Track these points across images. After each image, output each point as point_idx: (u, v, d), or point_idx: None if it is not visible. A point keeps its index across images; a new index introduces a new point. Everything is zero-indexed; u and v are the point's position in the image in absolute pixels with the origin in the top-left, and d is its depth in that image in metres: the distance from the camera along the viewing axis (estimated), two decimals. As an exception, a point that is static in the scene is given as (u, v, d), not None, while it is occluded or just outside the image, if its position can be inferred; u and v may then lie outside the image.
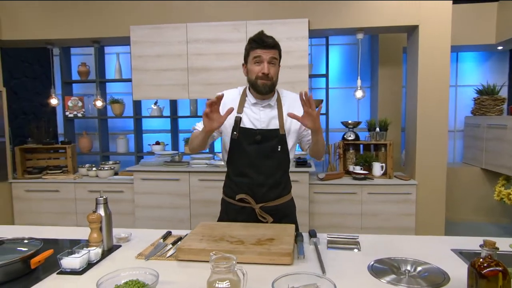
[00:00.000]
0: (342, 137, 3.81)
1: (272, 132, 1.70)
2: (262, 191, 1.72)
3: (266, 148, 1.68)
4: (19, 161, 4.09)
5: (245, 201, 1.72)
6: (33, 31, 3.91)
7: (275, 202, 1.75)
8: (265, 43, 1.62)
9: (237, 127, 1.69)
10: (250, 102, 1.72)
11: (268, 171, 1.71)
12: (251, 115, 1.71)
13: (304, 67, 3.45)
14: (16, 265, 1.16)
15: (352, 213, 3.48)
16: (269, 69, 1.63)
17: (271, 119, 1.71)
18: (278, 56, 1.68)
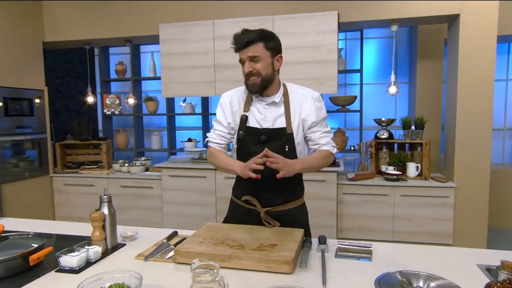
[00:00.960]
0: (374, 136, 3.62)
1: (278, 131, 1.61)
2: (268, 195, 1.63)
3: (272, 148, 1.56)
4: (59, 156, 4.31)
5: (251, 203, 1.65)
6: (72, 32, 4.08)
7: (283, 207, 1.65)
8: (240, 44, 1.56)
9: (243, 126, 1.63)
10: (256, 100, 1.65)
11: (275, 173, 1.61)
12: (256, 114, 1.64)
13: (332, 62, 3.30)
14: (15, 261, 1.18)
15: (383, 215, 3.30)
16: (251, 67, 1.55)
17: (277, 117, 1.62)
18: (262, 50, 1.56)
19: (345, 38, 4.77)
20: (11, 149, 3.74)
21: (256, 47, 1.56)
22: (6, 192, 3.63)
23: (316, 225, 3.35)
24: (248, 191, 1.66)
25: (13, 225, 1.77)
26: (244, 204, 1.68)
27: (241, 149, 1.66)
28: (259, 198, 1.64)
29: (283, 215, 1.65)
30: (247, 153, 1.62)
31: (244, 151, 1.64)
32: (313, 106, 1.64)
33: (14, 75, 3.75)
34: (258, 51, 1.56)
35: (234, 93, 1.71)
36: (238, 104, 1.67)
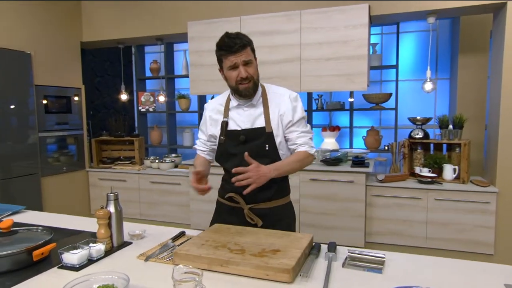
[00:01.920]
0: (408, 135, 3.41)
1: (257, 131, 1.61)
2: (252, 191, 1.56)
3: (253, 148, 1.58)
4: (95, 151, 4.49)
5: (235, 201, 1.64)
6: (106, 32, 4.22)
7: (267, 204, 1.64)
8: (233, 48, 1.51)
9: (223, 131, 1.65)
10: (233, 105, 1.66)
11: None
12: (235, 117, 1.65)
13: (362, 57, 3.15)
14: (20, 256, 1.21)
15: (415, 220, 3.10)
16: (246, 71, 1.54)
17: (256, 117, 1.63)
18: (251, 54, 1.57)
19: (381, 32, 4.55)
20: (51, 144, 3.94)
21: (247, 51, 1.56)
22: (46, 185, 3.84)
23: (343, 228, 3.24)
24: (232, 189, 1.63)
25: (34, 218, 1.84)
26: (228, 202, 1.68)
27: (221, 153, 1.68)
28: (243, 195, 1.58)
29: (268, 213, 1.64)
30: (228, 156, 1.66)
31: (224, 155, 1.67)
32: (290, 106, 1.63)
33: (54, 74, 3.95)
34: (249, 55, 1.56)
35: (214, 103, 1.75)
36: (218, 112, 1.70)
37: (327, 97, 4.72)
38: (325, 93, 4.62)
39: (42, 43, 3.81)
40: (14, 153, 3.49)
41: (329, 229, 3.29)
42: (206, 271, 1.20)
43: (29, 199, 3.63)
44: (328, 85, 3.27)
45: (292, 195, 3.22)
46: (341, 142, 4.67)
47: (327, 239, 3.21)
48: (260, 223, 1.61)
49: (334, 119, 4.91)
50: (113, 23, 4.17)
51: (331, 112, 4.89)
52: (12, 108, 3.49)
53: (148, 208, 4.11)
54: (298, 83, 3.35)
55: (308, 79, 3.32)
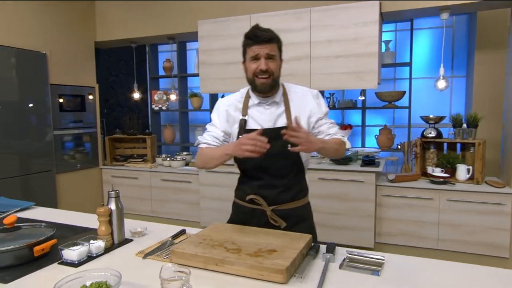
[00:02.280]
0: (421, 134, 3.34)
1: (279, 131, 1.52)
2: (273, 193, 1.59)
3: (274, 148, 1.52)
4: (109, 149, 4.57)
5: (256, 202, 1.61)
6: (119, 31, 4.29)
7: (289, 205, 1.61)
8: (260, 38, 1.50)
9: (242, 130, 1.59)
10: (254, 103, 1.62)
11: (279, 172, 1.58)
12: (256, 115, 1.60)
13: (373, 55, 3.09)
14: (21, 252, 1.24)
15: (427, 221, 3.04)
16: (267, 64, 1.50)
17: (278, 116, 1.59)
18: (277, 51, 1.55)
19: (395, 29, 4.46)
20: (65, 142, 4.03)
21: (274, 46, 1.54)
22: (60, 181, 3.93)
23: (353, 228, 3.20)
24: (252, 190, 1.61)
25: (42, 215, 1.89)
26: (248, 204, 1.64)
27: None
28: (264, 197, 1.59)
29: (290, 214, 1.61)
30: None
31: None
32: (314, 103, 1.62)
33: (68, 74, 4.03)
34: (274, 50, 1.54)
35: (231, 99, 1.69)
36: (236, 109, 1.64)
37: (339, 96, 4.66)
38: (338, 91, 4.57)
39: (57, 43, 3.89)
40: (31, 150, 3.59)
41: (339, 229, 3.25)
42: (202, 270, 1.21)
43: (44, 195, 3.72)
44: (337, 83, 3.23)
45: (301, 194, 3.20)
46: (353, 141, 4.61)
47: (336, 239, 3.19)
48: (284, 225, 1.57)
49: (346, 117, 4.85)
50: (125, 22, 4.22)
51: (343, 111, 4.84)
52: (29, 106, 3.58)
53: (160, 205, 4.16)
54: (308, 81, 3.32)
55: (318, 77, 3.28)
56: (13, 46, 3.45)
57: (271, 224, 1.58)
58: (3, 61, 3.36)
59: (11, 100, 3.43)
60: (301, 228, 1.58)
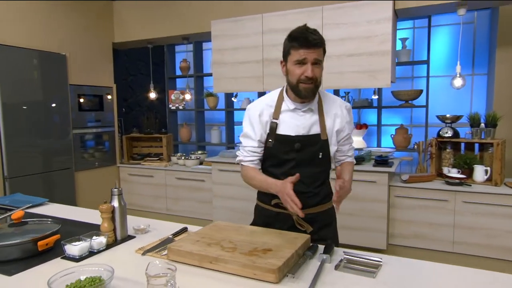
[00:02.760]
0: (437, 134, 3.25)
1: (313, 138, 1.52)
2: (300, 198, 1.53)
3: (306, 156, 1.51)
4: (126, 148, 4.68)
5: (281, 206, 1.56)
6: (136, 32, 4.38)
7: (315, 209, 1.58)
8: (310, 42, 1.39)
9: (273, 134, 1.54)
10: (288, 108, 1.54)
11: (307, 180, 1.53)
12: (289, 121, 1.53)
13: (386, 53, 3.03)
14: (26, 246, 1.29)
15: (442, 223, 2.95)
16: (314, 71, 1.42)
17: (313, 124, 1.53)
18: (322, 55, 1.47)
19: (412, 26, 4.36)
20: (83, 141, 4.16)
21: (321, 51, 1.46)
22: (79, 179, 4.06)
23: (365, 229, 3.15)
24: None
25: (54, 211, 1.96)
26: (273, 208, 1.60)
27: (270, 157, 1.58)
28: None
29: (316, 218, 1.59)
30: (278, 161, 1.56)
31: (274, 159, 1.58)
32: (348, 118, 1.61)
33: (87, 74, 4.15)
34: (321, 55, 1.46)
35: (262, 103, 1.59)
36: (268, 113, 1.56)
37: (355, 95, 4.60)
38: (353, 90, 4.51)
39: (77, 45, 4.02)
40: (52, 149, 3.73)
41: (350, 229, 3.21)
42: (197, 267, 1.23)
43: (64, 192, 3.86)
44: (350, 82, 3.18)
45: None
46: (369, 141, 4.53)
47: (348, 240, 3.15)
48: (310, 229, 1.53)
49: (362, 116, 4.78)
50: (142, 23, 4.31)
51: (359, 110, 4.77)
52: (52, 106, 3.72)
53: (174, 203, 4.22)
54: (320, 80, 3.29)
55: (330, 76, 3.25)
56: (35, 49, 3.58)
57: (296, 229, 1.55)
58: (26, 63, 3.49)
59: (35, 100, 3.57)
60: (326, 233, 1.58)
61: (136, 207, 4.49)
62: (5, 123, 3.33)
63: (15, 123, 3.41)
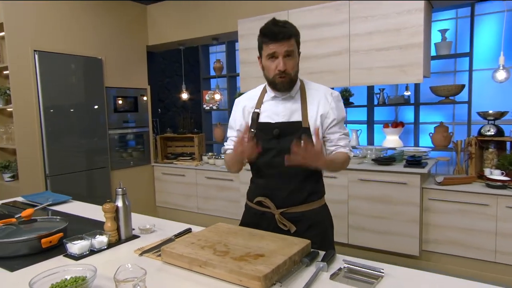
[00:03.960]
0: (478, 132, 2.99)
1: (293, 125, 1.48)
2: (283, 194, 1.51)
3: (286, 144, 1.45)
4: (160, 147, 4.81)
5: (265, 205, 1.54)
6: (168, 34, 4.48)
7: (299, 208, 1.52)
8: (277, 36, 1.40)
9: (254, 124, 1.53)
10: (269, 96, 1.55)
11: (291, 171, 1.48)
12: (269, 108, 1.54)
13: (417, 46, 2.84)
14: (31, 243, 1.35)
15: (482, 230, 2.71)
16: (286, 64, 1.42)
17: (293, 112, 1.50)
18: (295, 46, 1.45)
19: (455, 16, 4.05)
20: (119, 141, 4.33)
21: (291, 42, 1.44)
22: (115, 177, 4.23)
23: (395, 233, 2.97)
24: (261, 191, 1.56)
25: (74, 208, 2.04)
26: (257, 207, 1.58)
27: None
28: (273, 199, 1.53)
29: (301, 218, 1.52)
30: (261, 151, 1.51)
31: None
32: (333, 104, 1.52)
33: (122, 76, 4.32)
34: (292, 46, 1.45)
35: (245, 96, 1.66)
36: (250, 104, 1.59)
37: (391, 91, 4.37)
38: (389, 86, 4.28)
39: (112, 49, 4.19)
40: (89, 148, 3.93)
41: (380, 233, 3.04)
42: (187, 270, 1.21)
43: (100, 190, 4.04)
44: (378, 78, 3.02)
45: (340, 196, 3.08)
46: (407, 140, 4.29)
47: (377, 244, 3.00)
48: (294, 229, 1.50)
49: (400, 114, 4.53)
50: (173, 25, 4.40)
51: (397, 107, 4.52)
52: (87, 108, 3.91)
53: (204, 202, 4.27)
54: (347, 76, 3.16)
55: (357, 72, 3.10)
56: (73, 54, 3.79)
57: (280, 228, 1.51)
58: (65, 68, 3.70)
59: (73, 103, 3.78)
60: (313, 234, 1.49)
61: (169, 205, 4.61)
62: (46, 125, 3.56)
63: (55, 124, 3.62)
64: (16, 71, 3.36)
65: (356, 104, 4.34)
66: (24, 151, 3.43)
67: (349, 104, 4.31)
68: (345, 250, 3.27)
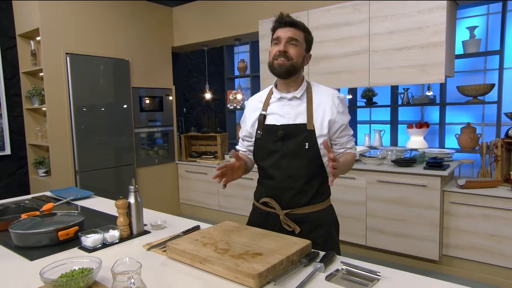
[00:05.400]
0: (505, 134, 2.86)
1: (298, 128, 1.50)
2: (288, 195, 1.54)
3: (291, 146, 1.49)
4: (184, 146, 4.94)
5: (270, 206, 1.57)
6: (192, 36, 4.59)
7: (304, 209, 1.53)
8: (283, 20, 1.48)
9: (260, 126, 1.57)
10: (275, 98, 1.58)
11: (295, 172, 1.51)
12: (275, 110, 1.56)
13: (439, 45, 2.76)
14: (49, 235, 1.45)
15: (506, 236, 2.60)
16: (287, 47, 1.46)
17: (299, 114, 1.52)
18: (302, 38, 1.50)
19: (486, 12, 3.90)
20: (144, 139, 4.49)
21: (298, 32, 1.50)
22: (140, 174, 4.39)
23: (415, 236, 2.92)
24: (267, 192, 1.60)
25: (96, 204, 2.16)
26: (263, 207, 1.61)
27: (259, 149, 1.59)
28: (279, 200, 1.56)
29: (305, 219, 1.54)
30: (266, 152, 1.56)
31: (261, 151, 1.59)
32: (340, 108, 1.54)
33: (148, 77, 4.47)
34: (298, 36, 1.49)
35: (254, 97, 1.69)
36: (258, 106, 1.62)
37: (417, 91, 4.26)
38: (414, 86, 4.18)
39: (139, 51, 4.35)
40: (116, 146, 4.11)
41: (399, 236, 2.99)
42: (189, 266, 1.26)
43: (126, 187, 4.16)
44: (398, 77, 2.96)
45: (359, 197, 3.06)
46: (432, 141, 4.17)
47: (396, 247, 2.96)
48: (298, 230, 1.52)
49: (426, 114, 4.41)
50: (197, 27, 4.51)
51: (423, 107, 4.41)
52: (115, 108, 4.09)
53: (226, 200, 4.35)
54: (367, 76, 3.12)
55: (377, 71, 3.05)
56: (102, 56, 3.97)
57: (285, 229, 1.53)
58: (94, 70, 3.89)
59: (101, 103, 3.96)
60: (317, 235, 1.52)
61: (191, 202, 4.73)
62: (76, 124, 3.75)
63: (85, 123, 3.81)
64: (50, 73, 3.57)
65: (379, 104, 4.27)
66: (56, 148, 3.64)
67: (372, 103, 4.24)
68: (363, 252, 3.24)
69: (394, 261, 3.08)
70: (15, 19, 3.76)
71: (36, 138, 3.91)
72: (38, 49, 3.71)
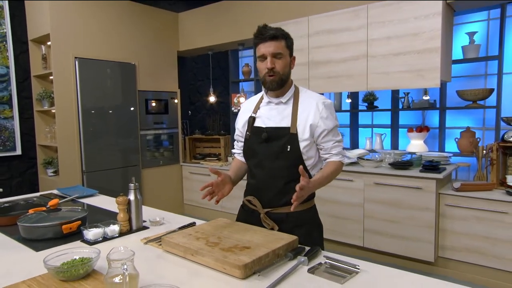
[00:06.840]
0: (501, 138, 2.91)
1: (281, 130, 1.58)
2: (269, 195, 1.62)
3: (274, 148, 1.58)
4: (189, 148, 5.05)
5: (252, 203, 1.67)
6: (198, 41, 4.70)
7: (284, 209, 1.60)
8: (264, 36, 1.51)
9: (249, 127, 1.67)
10: (265, 102, 1.68)
11: (276, 173, 1.60)
12: (263, 114, 1.66)
13: (434, 50, 2.82)
14: (54, 229, 1.55)
15: (500, 238, 2.64)
16: (273, 63, 1.51)
17: (284, 117, 1.60)
18: (284, 48, 1.54)
19: (486, 18, 3.94)
20: (150, 141, 4.61)
21: (280, 44, 1.54)
22: (145, 175, 4.51)
23: (411, 238, 2.97)
24: (250, 191, 1.70)
25: (100, 201, 2.26)
26: (248, 204, 1.71)
27: (247, 149, 1.69)
28: (260, 198, 1.65)
29: (285, 219, 1.61)
30: (252, 153, 1.66)
31: (249, 151, 1.68)
32: (324, 113, 1.58)
33: (154, 80, 4.59)
34: (281, 48, 1.55)
35: (248, 101, 1.78)
36: (250, 109, 1.72)
37: (417, 95, 4.31)
38: (415, 90, 4.23)
39: (145, 55, 4.48)
40: (122, 148, 4.23)
41: (396, 238, 3.04)
42: (181, 258, 1.35)
43: (131, 187, 4.31)
44: (396, 82, 3.02)
45: (356, 199, 3.11)
46: (432, 145, 4.21)
47: (392, 249, 3.01)
48: (276, 228, 1.58)
49: (427, 119, 4.45)
50: (202, 32, 4.62)
51: (424, 111, 4.45)
52: (121, 110, 4.21)
53: (228, 201, 4.41)
54: (365, 81, 3.19)
55: (375, 76, 3.12)
56: (109, 60, 4.10)
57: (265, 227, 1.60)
58: (101, 73, 4.02)
59: (108, 105, 4.08)
60: (296, 234, 1.51)
61: (195, 203, 4.82)
62: (84, 125, 3.88)
63: (92, 125, 3.94)
64: (59, 76, 3.71)
65: (380, 108, 4.32)
66: (64, 149, 3.77)
67: (373, 107, 4.30)
68: (360, 253, 3.29)
69: (391, 263, 3.12)
70: (28, 24, 3.91)
71: (46, 139, 4.04)
72: (48, 53, 3.86)
